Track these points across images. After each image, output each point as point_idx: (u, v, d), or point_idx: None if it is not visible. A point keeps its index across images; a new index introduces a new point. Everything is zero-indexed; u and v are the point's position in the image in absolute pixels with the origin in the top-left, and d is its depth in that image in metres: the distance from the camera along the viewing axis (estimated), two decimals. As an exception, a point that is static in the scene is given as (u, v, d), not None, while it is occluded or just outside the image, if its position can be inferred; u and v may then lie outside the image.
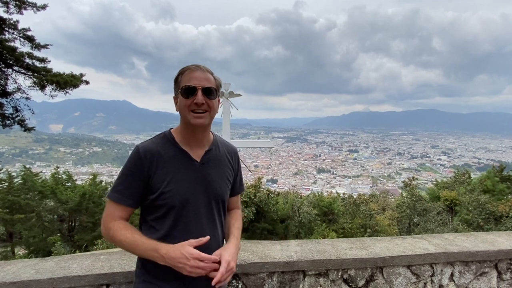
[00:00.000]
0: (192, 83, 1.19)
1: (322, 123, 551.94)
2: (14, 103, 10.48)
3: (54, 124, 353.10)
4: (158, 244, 1.13)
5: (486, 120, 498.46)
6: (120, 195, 1.20)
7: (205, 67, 1.26)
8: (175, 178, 1.20)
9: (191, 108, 1.20)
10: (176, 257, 1.09)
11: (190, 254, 1.10)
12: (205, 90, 1.20)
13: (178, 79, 1.23)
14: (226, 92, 7.18)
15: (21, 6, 9.56)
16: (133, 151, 1.22)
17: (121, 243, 1.16)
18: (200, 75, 1.22)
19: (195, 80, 1.20)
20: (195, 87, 1.19)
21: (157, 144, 1.24)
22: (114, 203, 1.21)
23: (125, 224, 1.21)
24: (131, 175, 1.20)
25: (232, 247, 1.25)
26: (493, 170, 17.39)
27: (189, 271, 1.10)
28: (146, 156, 1.19)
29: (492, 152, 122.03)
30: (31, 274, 1.66)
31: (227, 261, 1.16)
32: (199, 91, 1.19)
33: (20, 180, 12.77)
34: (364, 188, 67.39)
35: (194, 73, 1.21)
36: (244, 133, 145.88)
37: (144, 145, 1.23)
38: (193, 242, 1.14)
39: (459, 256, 2.06)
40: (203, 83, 1.20)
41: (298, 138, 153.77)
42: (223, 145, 1.40)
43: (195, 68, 1.23)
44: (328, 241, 2.25)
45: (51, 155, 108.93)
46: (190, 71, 1.22)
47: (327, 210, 14.21)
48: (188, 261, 1.09)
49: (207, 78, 1.23)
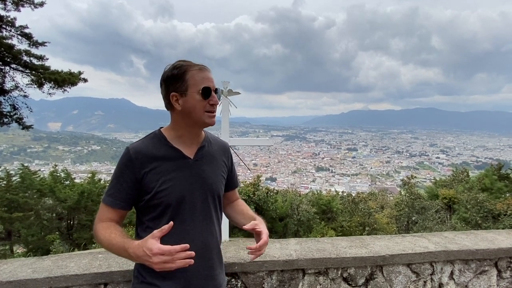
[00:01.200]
0: (208, 84, 1.20)
1: (321, 122, 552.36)
2: (12, 101, 10.44)
3: (52, 122, 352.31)
4: (126, 243, 1.08)
5: (485, 119, 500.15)
6: (112, 199, 1.18)
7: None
8: (169, 177, 1.19)
9: (206, 109, 1.21)
10: (141, 255, 1.04)
11: (149, 250, 1.02)
12: (215, 90, 1.23)
13: (185, 77, 1.18)
14: (225, 90, 7.17)
15: (18, 3, 9.50)
16: (124, 152, 1.20)
17: (102, 242, 1.15)
18: (210, 76, 1.24)
19: (209, 81, 1.21)
20: (210, 88, 1.20)
21: (147, 144, 1.22)
22: (106, 206, 1.20)
23: (108, 224, 1.18)
24: (122, 177, 1.18)
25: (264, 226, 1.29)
26: (491, 169, 17.47)
27: (159, 268, 1.03)
28: (137, 156, 1.17)
29: (491, 150, 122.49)
30: (28, 273, 1.65)
31: (266, 233, 1.24)
32: (213, 92, 1.21)
33: (18, 179, 12.75)
34: (362, 186, 67.56)
35: (205, 73, 1.22)
36: (243, 131, 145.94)
37: (134, 146, 1.21)
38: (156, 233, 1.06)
39: (459, 254, 2.06)
40: (214, 84, 1.23)
41: (297, 136, 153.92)
42: (215, 141, 1.39)
43: (203, 67, 1.23)
44: (327, 240, 2.24)
45: (50, 153, 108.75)
46: (200, 70, 1.21)
47: (326, 209, 14.23)
48: (150, 259, 1.02)
49: (213, 78, 1.25)
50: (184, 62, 1.21)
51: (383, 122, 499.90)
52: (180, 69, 1.19)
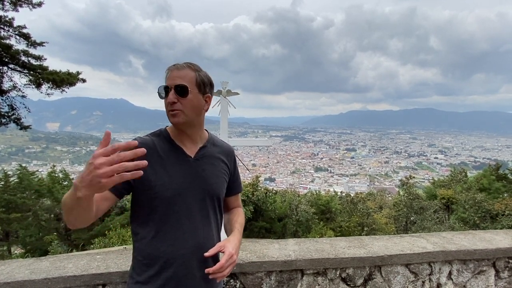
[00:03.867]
0: (166, 83, 1.21)
1: (320, 122, 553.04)
2: (9, 101, 10.40)
3: (50, 123, 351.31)
4: (75, 181, 0.94)
5: (483, 119, 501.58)
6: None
7: (187, 63, 1.24)
8: (168, 172, 1.19)
9: (168, 108, 1.21)
10: (84, 171, 0.88)
11: (92, 157, 0.87)
12: (176, 88, 1.19)
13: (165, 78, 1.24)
14: (223, 90, 7.16)
15: (16, 3, 9.47)
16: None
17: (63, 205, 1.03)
18: (174, 74, 1.21)
19: (169, 80, 1.21)
20: (168, 86, 1.20)
21: (153, 140, 1.24)
22: None
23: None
24: None
25: (235, 240, 1.24)
26: (489, 169, 17.53)
27: (100, 174, 0.85)
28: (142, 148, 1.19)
29: (489, 150, 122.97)
30: (26, 274, 1.64)
31: (230, 254, 1.14)
32: (171, 91, 1.19)
33: (16, 179, 12.70)
34: (361, 187, 67.67)
35: (172, 73, 1.22)
36: (242, 131, 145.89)
37: (141, 138, 1.24)
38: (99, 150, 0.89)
39: (457, 254, 2.06)
40: (176, 81, 1.19)
41: (296, 136, 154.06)
42: (219, 143, 1.39)
43: (172, 67, 1.23)
44: (326, 240, 2.24)
45: (48, 153, 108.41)
46: (169, 71, 1.22)
47: (324, 209, 14.25)
48: (94, 162, 0.85)
49: (180, 75, 1.20)
50: (173, 65, 1.24)
51: (382, 123, 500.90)
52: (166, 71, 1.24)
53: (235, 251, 1.17)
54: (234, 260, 1.16)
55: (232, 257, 1.15)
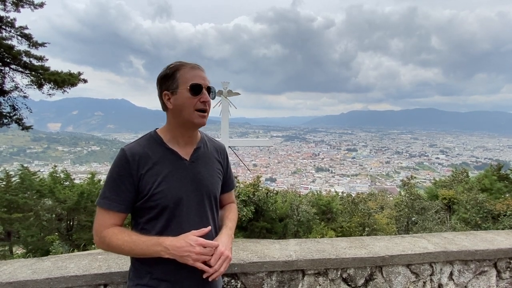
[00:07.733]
0: (198, 81, 1.18)
1: (321, 122, 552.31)
2: (11, 101, 10.43)
3: (52, 123, 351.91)
4: (160, 238, 1.12)
5: (484, 119, 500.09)
6: (110, 201, 1.15)
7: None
8: (166, 178, 1.18)
9: (196, 107, 1.18)
10: (181, 246, 1.09)
11: (195, 240, 1.11)
12: (208, 89, 1.20)
13: (176, 75, 1.18)
14: (224, 91, 7.17)
15: (18, 4, 9.50)
16: (119, 154, 1.18)
17: (120, 247, 1.12)
18: (202, 74, 1.21)
19: (200, 79, 1.18)
20: (201, 85, 1.18)
21: (143, 146, 1.20)
22: (105, 210, 1.16)
23: (120, 228, 1.17)
24: (120, 179, 1.15)
25: (224, 237, 1.24)
26: (490, 169, 17.46)
27: (195, 258, 1.09)
28: (134, 158, 1.16)
29: (490, 151, 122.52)
30: (28, 274, 1.65)
31: (219, 253, 1.15)
32: (204, 90, 1.19)
33: (17, 179, 12.72)
34: (362, 187, 67.54)
35: (197, 71, 1.20)
36: (243, 132, 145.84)
37: (130, 147, 1.19)
38: (195, 232, 1.14)
39: (458, 255, 2.06)
40: (207, 83, 1.20)
41: (297, 137, 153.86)
42: (211, 142, 1.39)
43: (195, 65, 1.21)
44: (327, 240, 2.24)
45: (49, 154, 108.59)
46: (191, 68, 1.19)
47: (325, 209, 14.22)
48: (193, 248, 1.09)
49: (206, 77, 1.22)
50: (178, 62, 1.21)
51: (383, 123, 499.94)
52: (172, 68, 1.19)
53: (224, 248, 1.17)
54: (227, 256, 1.16)
55: (223, 254, 1.15)
